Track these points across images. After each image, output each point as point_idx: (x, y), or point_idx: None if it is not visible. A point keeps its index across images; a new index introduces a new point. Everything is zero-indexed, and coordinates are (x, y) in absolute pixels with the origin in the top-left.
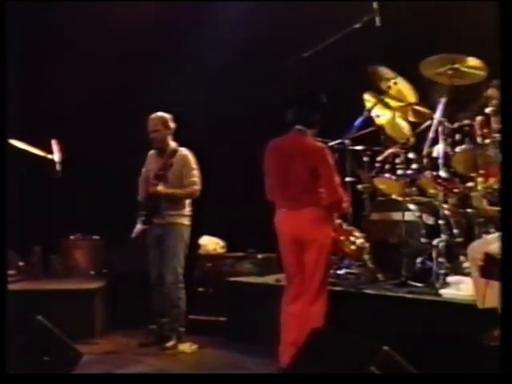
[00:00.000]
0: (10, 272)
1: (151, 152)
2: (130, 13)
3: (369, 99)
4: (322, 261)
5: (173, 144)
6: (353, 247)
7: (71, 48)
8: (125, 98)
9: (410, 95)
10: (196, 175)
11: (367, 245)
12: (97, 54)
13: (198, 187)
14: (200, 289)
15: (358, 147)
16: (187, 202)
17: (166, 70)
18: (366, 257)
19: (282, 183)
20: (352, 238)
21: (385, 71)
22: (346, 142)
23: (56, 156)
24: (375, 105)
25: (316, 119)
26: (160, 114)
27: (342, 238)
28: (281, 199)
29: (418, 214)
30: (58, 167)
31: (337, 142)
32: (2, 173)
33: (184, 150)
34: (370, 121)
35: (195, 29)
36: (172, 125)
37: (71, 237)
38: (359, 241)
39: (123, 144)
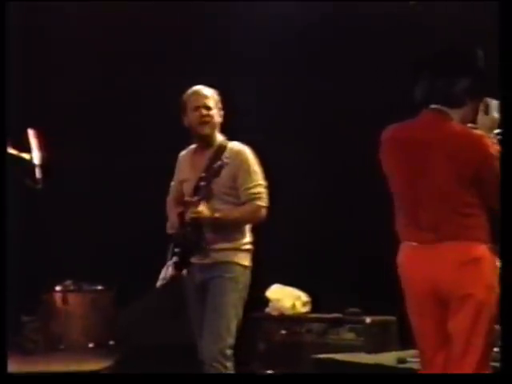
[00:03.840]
0: None
1: (185, 152)
2: None
3: None
4: (480, 329)
5: (220, 136)
6: None
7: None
8: (140, 92)
9: None
10: (260, 183)
11: None
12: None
13: (263, 203)
14: (268, 371)
15: None
16: (247, 227)
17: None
18: None
19: (409, 199)
20: None
21: None
22: None
23: (35, 155)
24: None
25: (465, 93)
26: (208, 88)
27: None
28: (408, 226)
29: None
30: (37, 173)
31: (497, 131)
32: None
33: (237, 145)
34: None
35: None
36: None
37: (57, 287)
38: None
39: (141, 145)
